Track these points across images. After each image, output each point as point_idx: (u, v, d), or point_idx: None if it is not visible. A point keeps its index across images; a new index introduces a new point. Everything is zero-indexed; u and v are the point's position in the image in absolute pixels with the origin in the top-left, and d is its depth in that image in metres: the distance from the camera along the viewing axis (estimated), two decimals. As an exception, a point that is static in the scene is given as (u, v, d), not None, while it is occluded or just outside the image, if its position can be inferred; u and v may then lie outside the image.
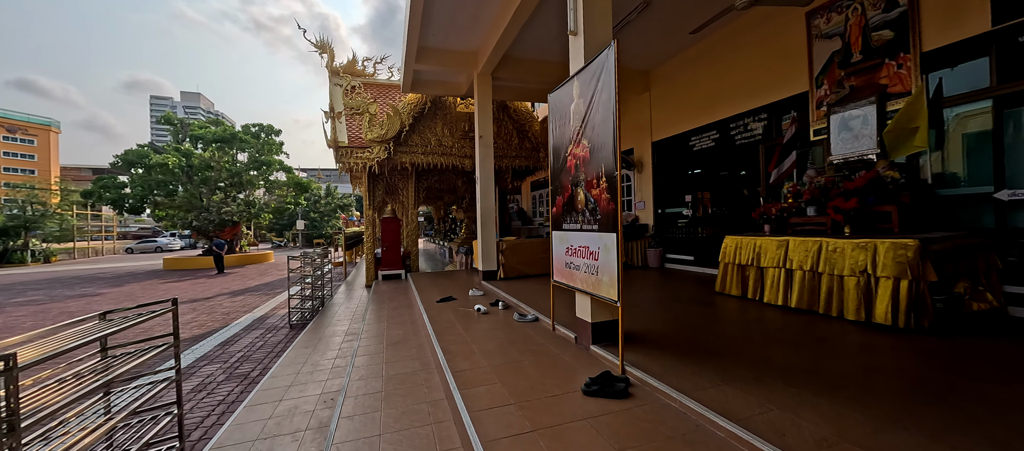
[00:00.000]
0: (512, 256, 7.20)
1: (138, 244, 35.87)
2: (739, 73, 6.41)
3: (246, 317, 7.69)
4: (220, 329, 6.80)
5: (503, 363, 3.16)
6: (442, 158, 9.20)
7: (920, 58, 4.28)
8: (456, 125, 9.43)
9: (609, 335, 3.35)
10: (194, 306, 8.90)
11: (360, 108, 8.27)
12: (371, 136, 8.29)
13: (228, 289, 11.47)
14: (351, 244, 15.65)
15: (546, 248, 7.51)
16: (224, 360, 5.11)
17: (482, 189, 7.14)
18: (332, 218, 38.57)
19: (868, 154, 4.62)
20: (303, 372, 4.08)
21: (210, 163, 17.89)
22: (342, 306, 7.53)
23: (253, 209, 19.70)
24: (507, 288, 6.23)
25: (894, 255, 3.44)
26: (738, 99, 6.48)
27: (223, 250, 16.29)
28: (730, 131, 6.75)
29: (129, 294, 10.95)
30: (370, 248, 9.66)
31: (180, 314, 7.63)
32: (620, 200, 2.83)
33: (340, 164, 8.69)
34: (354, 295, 8.67)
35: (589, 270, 3.21)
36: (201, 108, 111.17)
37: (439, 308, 5.35)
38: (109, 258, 29.19)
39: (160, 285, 12.87)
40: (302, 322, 6.72)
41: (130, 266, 20.45)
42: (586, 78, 3.26)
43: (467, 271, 9.44)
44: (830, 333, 3.42)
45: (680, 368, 2.73)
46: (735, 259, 4.98)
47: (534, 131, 9.76)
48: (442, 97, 9.33)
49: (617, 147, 2.82)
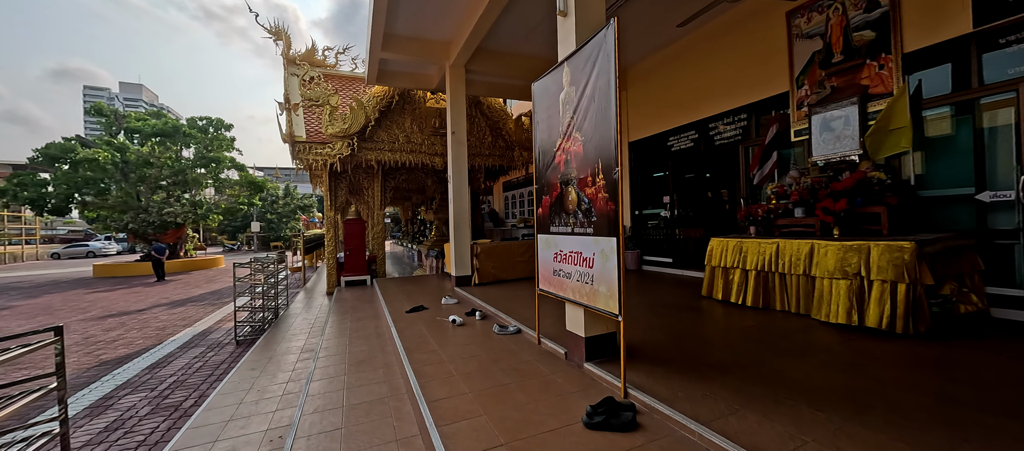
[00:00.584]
0: (487, 260, 6.78)
1: (66, 249, 32.24)
2: (719, 73, 6.32)
3: (185, 332, 6.80)
4: (152, 347, 5.92)
5: (487, 388, 2.74)
6: (411, 156, 8.63)
7: (902, 59, 4.26)
8: (426, 121, 8.89)
9: (605, 350, 3.01)
10: (123, 320, 7.83)
11: (320, 100, 7.57)
12: (332, 131, 7.61)
13: (167, 299, 10.29)
14: (311, 247, 14.63)
15: (523, 252, 7.15)
16: (152, 387, 4.36)
17: (455, 189, 6.67)
18: (291, 220, 36.47)
19: (850, 155, 4.58)
20: (247, 402, 3.47)
21: (149, 159, 16.21)
22: (299, 317, 6.81)
23: (200, 210, 18.08)
24: (483, 295, 5.80)
25: (890, 257, 3.32)
26: (718, 99, 6.39)
27: (164, 255, 14.77)
28: (709, 132, 6.66)
29: (46, 306, 9.57)
30: (331, 252, 8.92)
31: (103, 331, 6.61)
32: (622, 199, 2.49)
33: (297, 161, 7.92)
34: (313, 304, 7.93)
35: (583, 279, 2.86)
36: (143, 100, 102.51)
37: (409, 320, 4.84)
38: (30, 264, 26.07)
39: (85, 295, 11.39)
40: (252, 337, 5.97)
41: (54, 273, 18.22)
42: (579, 63, 2.90)
43: (438, 276, 8.91)
44: (831, 341, 3.25)
45: (690, 389, 2.42)
46: (721, 262, 4.82)
47: (508, 129, 9.39)
48: (411, 91, 8.76)
49: (619, 139, 2.48)
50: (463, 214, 6.71)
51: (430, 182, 10.28)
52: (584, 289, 2.84)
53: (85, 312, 8.79)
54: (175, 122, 17.66)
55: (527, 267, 7.15)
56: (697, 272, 6.50)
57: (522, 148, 9.50)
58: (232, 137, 19.99)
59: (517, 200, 14.36)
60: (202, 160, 18.58)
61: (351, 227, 9.05)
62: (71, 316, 8.42)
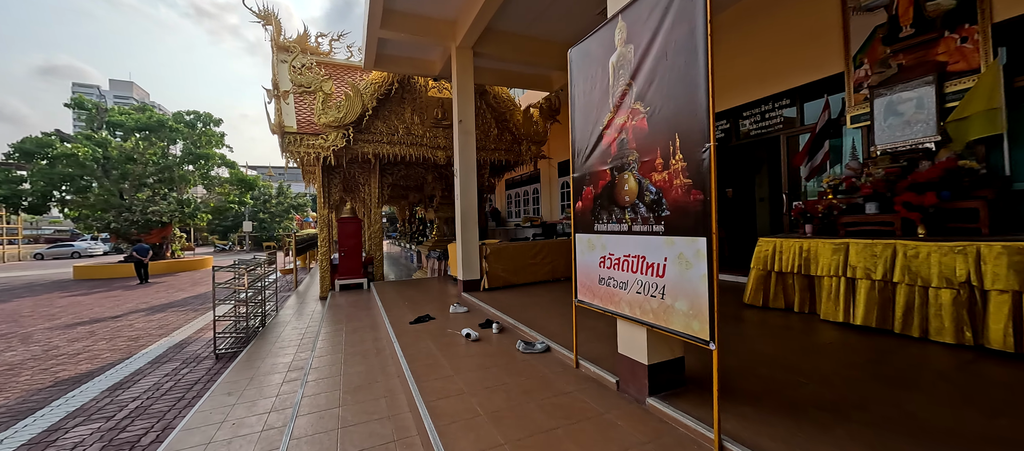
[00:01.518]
0: (498, 263, 6.13)
1: (50, 249, 31.13)
2: (757, 54, 5.71)
3: (160, 343, 6.09)
4: (119, 363, 5.22)
5: (526, 436, 2.09)
6: (411, 149, 7.95)
7: (991, 30, 3.66)
8: (427, 111, 8.21)
9: (671, 381, 2.38)
10: (93, 329, 7.09)
11: (312, 86, 6.87)
12: (326, 120, 6.92)
13: (147, 303, 9.54)
14: (304, 248, 13.89)
15: (535, 253, 6.50)
16: (109, 415, 3.66)
17: (462, 183, 6.01)
18: (285, 219, 35.61)
19: (924, 142, 3.98)
20: (218, 441, 2.80)
21: (132, 155, 15.37)
22: (289, 325, 6.12)
23: (187, 209, 17.25)
24: (496, 302, 5.15)
25: (1009, 261, 2.71)
26: (754, 84, 5.78)
27: (147, 256, 13.95)
28: (744, 120, 6.06)
29: (12, 313, 8.78)
30: (325, 253, 8.22)
31: (68, 342, 5.87)
32: (716, 185, 1.84)
33: (287, 153, 7.22)
34: (305, 311, 7.23)
35: (648, 290, 2.22)
36: (134, 98, 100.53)
37: (415, 333, 4.18)
38: (11, 266, 25.02)
39: (58, 300, 10.60)
40: (234, 350, 5.28)
41: (33, 276, 17.31)
42: (641, 13, 2.26)
43: (440, 279, 8.24)
44: (944, 365, 2.63)
45: (809, 445, 1.79)
46: (774, 266, 4.19)
47: (516, 121, 8.73)
48: (411, 78, 8.08)
49: (710, 104, 1.83)
50: (471, 211, 6.06)
51: (430, 178, 9.61)
52: (649, 304, 2.20)
53: (54, 319, 8.03)
54: (160, 116, 16.81)
55: (540, 270, 6.51)
56: (726, 275, 5.91)
57: (531, 142, 8.85)
58: (222, 132, 19.17)
59: (521, 198, 13.71)
60: (190, 156, 17.75)
61: (346, 226, 8.36)
62: (37, 323, 7.66)
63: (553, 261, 6.66)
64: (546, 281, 6.59)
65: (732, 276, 5.68)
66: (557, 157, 10.36)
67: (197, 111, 18.10)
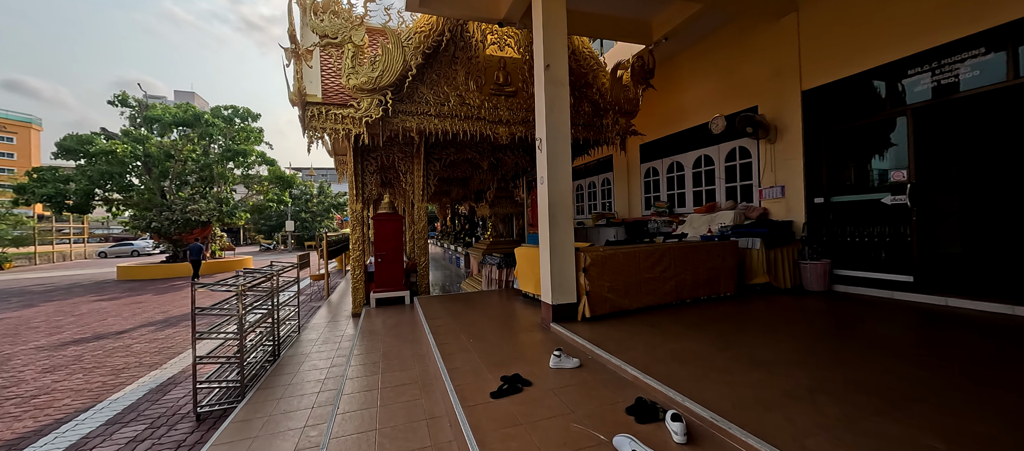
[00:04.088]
0: (601, 277, 4.09)
1: (113, 248, 32.55)
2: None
3: (146, 379, 4.58)
4: (75, 417, 3.68)
5: None
6: (465, 123, 6.07)
7: None
8: (486, 75, 6.30)
9: None
10: (84, 352, 5.76)
11: (338, 37, 5.15)
12: (357, 81, 5.18)
13: (165, 313, 8.33)
14: (339, 250, 12.53)
15: (653, 263, 4.40)
16: None
17: (551, 158, 4.02)
18: (325, 218, 35.46)
19: None
20: None
21: (170, 151, 14.71)
22: (308, 361, 4.41)
23: (226, 207, 16.53)
24: (623, 346, 3.13)
25: None
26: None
27: (201, 255, 13.74)
28: (992, 52, 3.65)
29: (21, 323, 7.80)
30: (358, 258, 6.54)
31: (40, 372, 4.11)
32: None
33: (309, 131, 5.54)
34: (334, 335, 5.55)
35: None
36: (195, 107, 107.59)
37: (507, 423, 2.23)
38: (78, 264, 26.07)
39: (84, 304, 9.72)
40: (226, 404, 3.60)
41: (83, 275, 17.30)
42: None
43: (503, 293, 6.31)
44: None
45: None
46: None
47: (601, 85, 6.63)
48: (464, 30, 6.21)
49: None
50: (564, 200, 4.05)
51: (486, 165, 7.70)
52: None
53: (55, 334, 6.87)
54: (195, 109, 16.14)
55: (660, 288, 4.40)
56: (987, 303, 3.56)
57: (619, 113, 6.72)
58: (260, 128, 18.41)
59: (586, 191, 11.51)
60: (228, 153, 17.05)
61: (384, 225, 6.64)
62: (33, 339, 6.50)
63: (678, 275, 4.53)
64: (669, 304, 4.48)
65: (997, 305, 3.33)
66: (644, 135, 8.12)
67: (235, 106, 17.38)
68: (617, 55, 8.11)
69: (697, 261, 4.68)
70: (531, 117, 6.39)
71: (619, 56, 7.77)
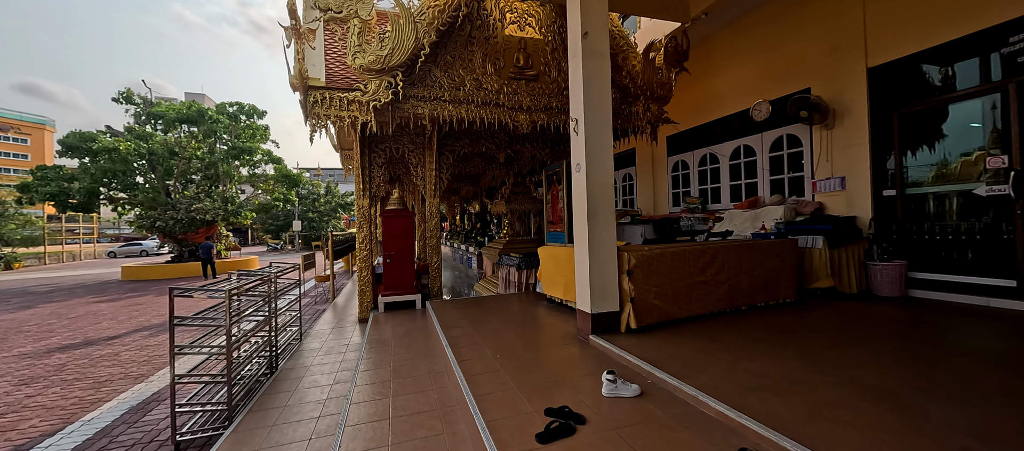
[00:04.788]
0: (648, 282, 3.49)
1: (122, 247, 32.54)
2: None
3: (128, 394, 4.08)
4: (44, 439, 3.17)
5: None
6: (482, 110, 5.51)
7: None
8: (504, 57, 5.73)
9: None
10: (67, 361, 5.29)
11: (343, 10, 4.60)
12: (363, 61, 4.63)
13: (162, 317, 7.88)
14: (345, 250, 12.03)
15: (705, 264, 3.79)
16: None
17: (590, 141, 3.43)
18: (332, 218, 35.18)
19: None
20: None
21: (173, 148, 14.35)
22: (311, 373, 3.87)
23: (231, 206, 16.15)
24: (690, 365, 2.53)
25: None
26: None
27: (211, 253, 13.84)
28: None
29: (11, 328, 7.39)
30: (365, 259, 6.00)
31: (16, 384, 3.81)
32: None
33: (312, 120, 5.01)
34: (339, 343, 5.01)
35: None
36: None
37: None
38: (86, 264, 25.97)
39: (82, 306, 9.32)
40: (211, 430, 3.06)
41: (88, 275, 17.04)
42: None
43: (523, 296, 5.74)
44: None
45: None
46: None
47: (631, 68, 6.01)
48: (482, 7, 5.64)
49: None
50: (605, 190, 3.48)
51: (503, 156, 7.12)
52: None
53: (43, 339, 6.43)
54: (198, 105, 15.76)
55: (713, 294, 3.79)
56: None
57: (650, 99, 6.10)
58: (266, 125, 18.03)
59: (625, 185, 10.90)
60: (234, 151, 16.67)
61: (393, 222, 6.10)
62: (19, 345, 6.06)
63: (731, 278, 3.91)
64: (722, 312, 3.86)
65: None
66: (678, 123, 7.45)
67: (240, 102, 17.00)
68: (646, 36, 7.48)
69: (752, 262, 4.06)
70: (554, 103, 5.81)
71: (647, 38, 7.15)
